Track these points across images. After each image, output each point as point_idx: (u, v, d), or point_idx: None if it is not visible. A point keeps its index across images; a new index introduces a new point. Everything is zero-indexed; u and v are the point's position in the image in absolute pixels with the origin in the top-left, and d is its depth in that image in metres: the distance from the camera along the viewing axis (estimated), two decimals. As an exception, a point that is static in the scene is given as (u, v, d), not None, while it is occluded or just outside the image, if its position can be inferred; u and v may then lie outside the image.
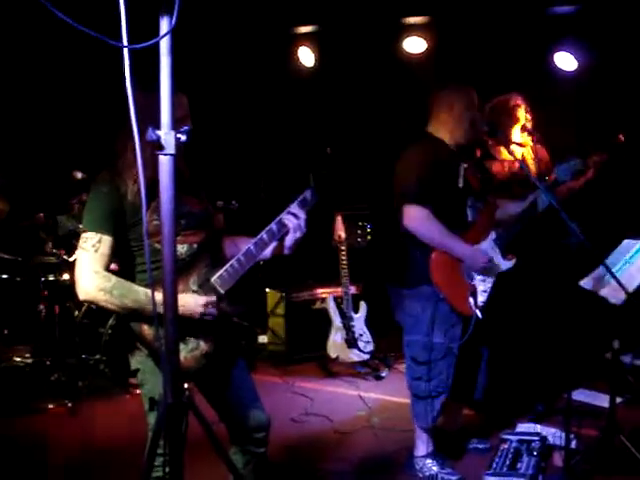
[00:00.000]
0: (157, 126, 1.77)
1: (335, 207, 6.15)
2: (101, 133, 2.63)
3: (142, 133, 1.72)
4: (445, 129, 3.66)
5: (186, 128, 1.79)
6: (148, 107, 1.84)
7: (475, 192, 3.71)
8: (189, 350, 2.46)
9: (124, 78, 1.65)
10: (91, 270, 2.36)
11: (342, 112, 6.97)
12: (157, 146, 1.75)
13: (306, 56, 6.82)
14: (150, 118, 1.78)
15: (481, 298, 3.62)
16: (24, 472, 3.88)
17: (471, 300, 3.54)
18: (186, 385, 2.37)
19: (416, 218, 3.51)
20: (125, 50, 1.63)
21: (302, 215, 2.66)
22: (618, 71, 5.45)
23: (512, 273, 3.71)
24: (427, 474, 3.72)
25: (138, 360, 2.54)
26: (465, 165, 3.67)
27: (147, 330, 2.41)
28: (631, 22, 5.22)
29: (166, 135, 1.76)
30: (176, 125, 1.80)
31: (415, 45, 6.32)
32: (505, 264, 3.69)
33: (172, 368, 1.87)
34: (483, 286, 3.64)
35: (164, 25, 1.73)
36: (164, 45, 1.74)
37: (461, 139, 3.68)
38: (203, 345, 2.49)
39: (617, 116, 5.31)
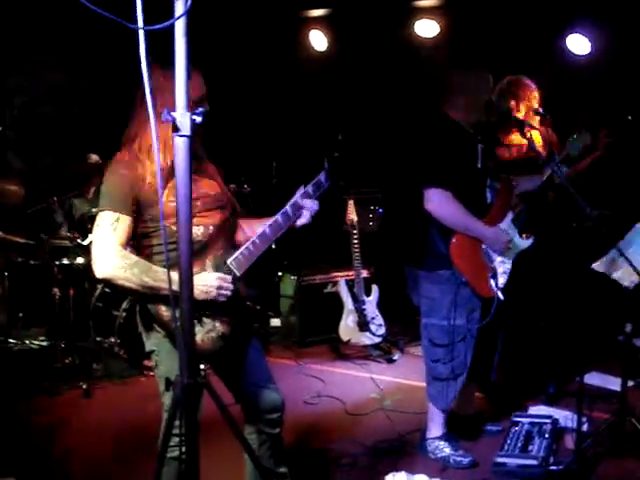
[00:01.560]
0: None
1: (347, 191, 6.15)
2: (117, 115, 2.63)
3: (158, 115, 1.73)
4: (460, 110, 3.64)
5: (201, 110, 1.80)
6: (169, 86, 1.85)
7: (492, 173, 3.70)
8: (205, 332, 2.47)
9: (140, 60, 1.66)
10: (110, 248, 2.36)
11: (354, 96, 6.96)
12: (172, 127, 1.76)
13: (318, 39, 6.81)
14: (171, 97, 1.79)
15: (501, 280, 3.62)
16: (39, 454, 3.92)
17: (492, 282, 3.55)
18: (202, 366, 2.40)
19: (438, 201, 3.50)
20: (141, 32, 1.64)
21: (314, 199, 2.69)
22: (632, 54, 5.40)
23: (527, 255, 3.71)
24: (439, 456, 3.74)
25: (154, 342, 2.55)
26: (482, 146, 3.67)
27: (165, 311, 2.41)
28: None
29: (182, 116, 1.76)
30: (194, 105, 1.80)
31: (427, 28, 6.29)
32: (523, 243, 3.70)
33: (188, 348, 1.88)
34: (503, 268, 3.64)
35: (179, 7, 1.73)
36: (179, 27, 1.74)
37: (474, 120, 3.67)
38: (219, 326, 2.50)
39: (631, 100, 5.27)
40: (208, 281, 2.43)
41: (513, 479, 3.49)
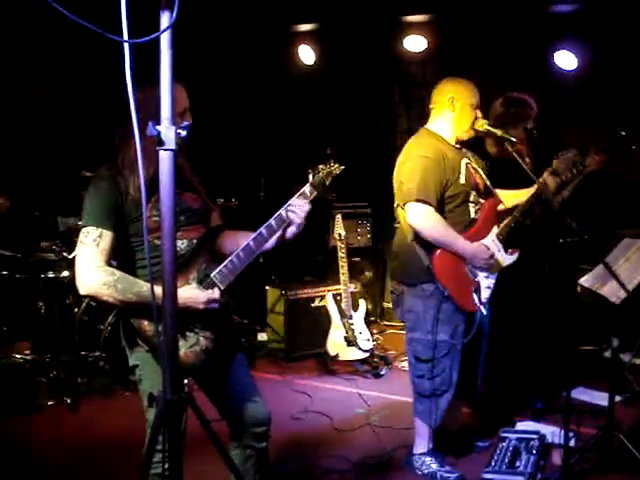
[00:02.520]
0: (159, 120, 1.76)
1: (334, 206, 6.16)
2: (102, 128, 2.62)
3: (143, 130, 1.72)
4: (446, 125, 3.67)
5: (186, 124, 1.79)
6: (155, 100, 1.84)
7: (477, 188, 3.71)
8: (189, 346, 2.46)
9: (124, 73, 1.65)
10: (93, 265, 2.34)
11: (342, 110, 6.97)
12: (157, 141, 1.75)
13: (306, 54, 6.82)
14: (156, 112, 1.78)
15: (485, 294, 3.63)
16: (24, 470, 3.87)
17: (475, 297, 3.55)
18: (185, 381, 2.38)
19: (419, 216, 3.51)
20: (126, 45, 1.63)
21: (304, 208, 2.64)
22: (618, 70, 5.45)
23: (513, 270, 3.71)
24: (426, 472, 3.72)
25: (137, 356, 2.53)
26: (467, 161, 3.68)
27: (147, 326, 2.40)
28: (631, 21, 5.22)
29: (166, 130, 1.75)
30: (178, 119, 1.79)
31: (415, 43, 6.32)
32: (508, 259, 3.70)
33: (171, 363, 1.86)
34: (487, 282, 3.64)
35: (164, 20, 1.72)
36: (164, 40, 1.73)
37: (462, 135, 3.68)
38: (203, 341, 2.49)
39: (617, 115, 5.31)
40: (194, 298, 2.42)
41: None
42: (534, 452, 3.76)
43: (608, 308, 3.54)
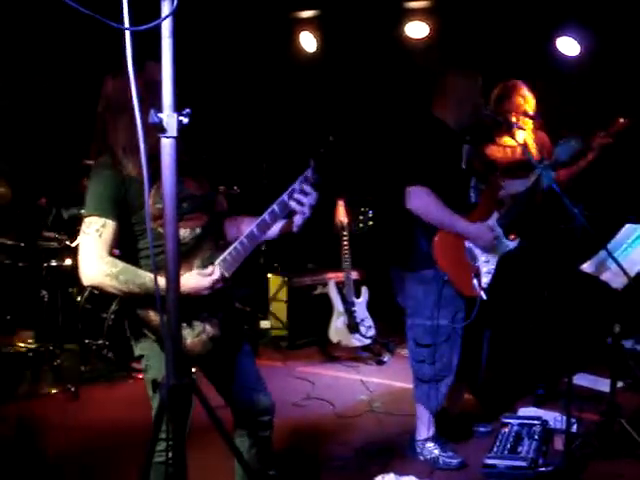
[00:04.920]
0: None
1: (337, 193, 6.15)
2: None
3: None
4: (448, 111, 3.65)
5: (188, 110, 1.79)
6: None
7: (478, 173, 3.71)
8: (195, 334, 2.45)
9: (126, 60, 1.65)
10: (96, 255, 2.32)
11: (344, 97, 6.95)
12: (159, 129, 1.75)
13: (308, 41, 6.79)
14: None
15: (485, 279, 3.63)
16: (27, 457, 3.89)
17: (475, 282, 3.55)
18: (193, 370, 2.39)
19: (419, 199, 3.51)
20: (127, 32, 1.63)
21: (311, 192, 2.63)
22: (621, 56, 5.43)
23: (515, 255, 3.71)
24: (428, 457, 3.74)
25: (143, 346, 2.53)
26: (468, 146, 3.67)
27: (154, 316, 2.39)
28: (633, 6, 5.20)
29: (168, 118, 1.75)
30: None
31: (417, 30, 6.29)
32: (509, 244, 3.70)
33: (175, 350, 1.86)
34: (487, 267, 3.65)
35: (165, 7, 1.72)
36: (166, 27, 1.73)
37: (464, 121, 3.68)
38: (209, 329, 2.48)
39: (620, 101, 5.30)
40: (197, 281, 2.41)
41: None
42: (536, 438, 3.78)
43: (610, 294, 3.55)
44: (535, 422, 3.94)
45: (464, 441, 4.00)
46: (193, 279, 2.41)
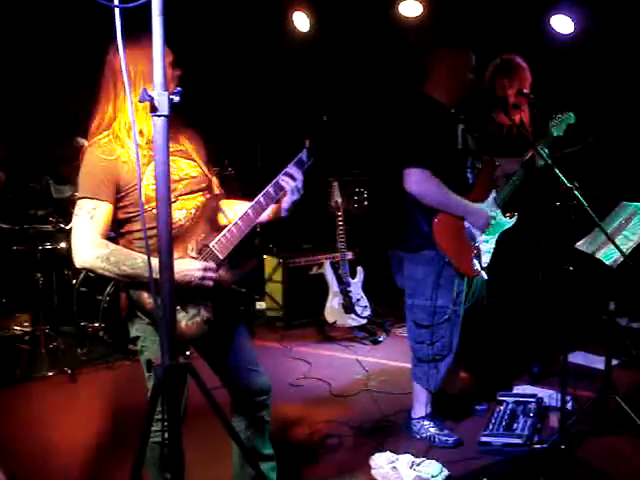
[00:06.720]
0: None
1: (331, 173, 6.14)
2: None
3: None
4: (442, 90, 3.63)
5: (179, 89, 1.77)
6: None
7: (473, 153, 3.69)
8: (190, 317, 2.45)
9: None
10: (87, 237, 2.31)
11: (338, 77, 6.92)
12: (150, 107, 1.73)
13: (301, 21, 6.75)
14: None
15: (485, 259, 3.63)
16: (24, 440, 3.90)
17: (475, 262, 3.56)
18: (188, 352, 2.38)
19: (418, 181, 3.49)
20: (117, 10, 1.61)
21: (299, 176, 2.63)
22: (615, 34, 5.40)
23: (510, 234, 3.71)
24: (424, 435, 3.76)
25: (138, 328, 2.52)
26: (462, 126, 3.66)
27: (147, 298, 2.38)
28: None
29: (159, 96, 1.73)
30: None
31: (411, 8, 6.25)
32: (507, 222, 3.70)
33: (169, 330, 1.86)
34: (486, 247, 3.65)
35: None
36: (156, 5, 1.71)
37: (457, 99, 3.66)
38: (204, 311, 2.47)
39: (613, 80, 5.28)
40: (191, 270, 2.39)
41: (498, 458, 3.51)
42: (531, 415, 3.80)
43: (605, 272, 3.56)
44: (530, 400, 3.97)
45: (460, 419, 4.02)
46: (185, 263, 2.39)
